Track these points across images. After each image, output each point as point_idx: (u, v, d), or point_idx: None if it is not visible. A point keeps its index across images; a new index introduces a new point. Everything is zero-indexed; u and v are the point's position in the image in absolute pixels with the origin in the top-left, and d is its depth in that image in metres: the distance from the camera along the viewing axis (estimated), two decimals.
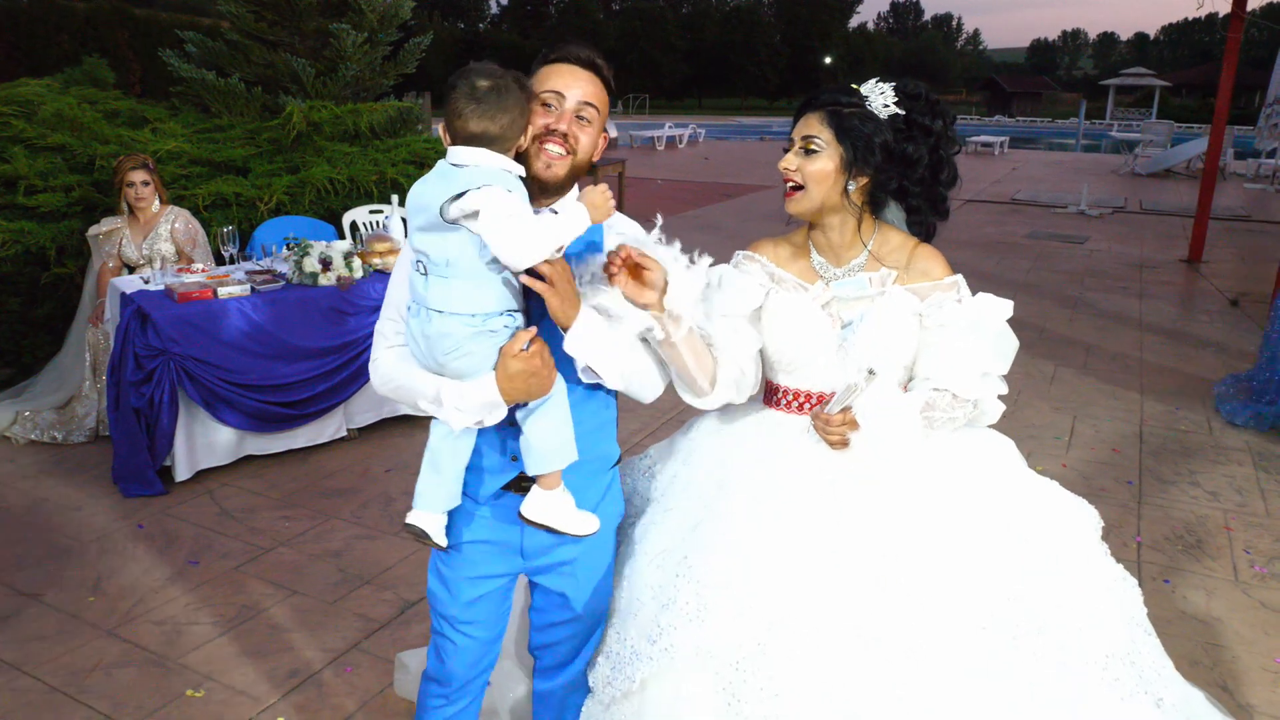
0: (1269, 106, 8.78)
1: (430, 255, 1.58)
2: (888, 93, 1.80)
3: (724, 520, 1.79)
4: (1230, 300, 8.04)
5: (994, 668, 1.63)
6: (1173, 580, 3.46)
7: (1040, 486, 1.91)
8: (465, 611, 1.91)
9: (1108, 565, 1.84)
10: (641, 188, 15.63)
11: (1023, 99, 63.52)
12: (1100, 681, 1.65)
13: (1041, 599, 1.70)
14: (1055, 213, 13.80)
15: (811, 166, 1.80)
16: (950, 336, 1.81)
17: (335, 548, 3.65)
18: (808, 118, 1.82)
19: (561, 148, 1.67)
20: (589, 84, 1.71)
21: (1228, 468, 4.50)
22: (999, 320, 1.83)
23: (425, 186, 1.58)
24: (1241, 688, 2.84)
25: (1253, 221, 13.18)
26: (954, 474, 1.84)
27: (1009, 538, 1.77)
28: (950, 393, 1.81)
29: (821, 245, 1.91)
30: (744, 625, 1.68)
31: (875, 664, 1.63)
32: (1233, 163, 19.99)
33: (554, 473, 1.72)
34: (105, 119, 6.01)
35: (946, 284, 1.86)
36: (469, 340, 1.60)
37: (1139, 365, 6.17)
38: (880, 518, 1.76)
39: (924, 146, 1.82)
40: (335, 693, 2.78)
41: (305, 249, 4.52)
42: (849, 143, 1.77)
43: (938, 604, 1.68)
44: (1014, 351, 1.86)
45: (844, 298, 1.86)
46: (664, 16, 69.45)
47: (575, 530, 1.75)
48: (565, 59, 1.72)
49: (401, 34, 7.82)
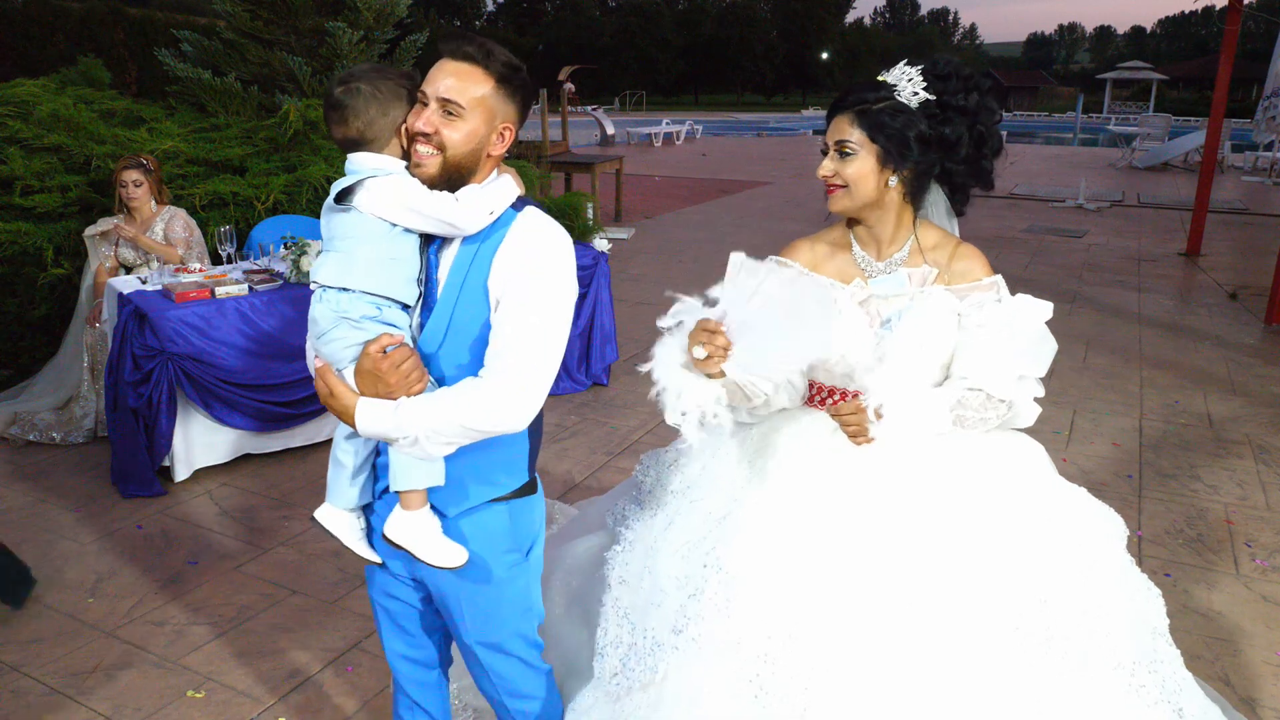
0: (1266, 99, 8.77)
1: (327, 235, 1.68)
2: (916, 79, 1.77)
3: (754, 512, 1.77)
4: (1229, 293, 8.04)
5: (1024, 668, 1.63)
6: (1174, 575, 3.46)
7: (1069, 493, 1.90)
8: (378, 597, 1.96)
9: (1134, 574, 1.85)
10: (639, 184, 15.62)
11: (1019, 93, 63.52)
12: (1127, 688, 1.66)
13: (1070, 604, 1.70)
14: (1053, 207, 13.80)
15: (849, 170, 1.78)
16: (987, 337, 1.78)
17: (335, 547, 3.61)
18: (838, 120, 1.79)
19: (426, 146, 1.63)
20: (454, 76, 1.61)
21: (1228, 461, 4.50)
22: (1038, 322, 1.81)
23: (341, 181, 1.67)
24: (1244, 682, 2.84)
25: (1251, 214, 13.17)
26: (985, 475, 1.82)
27: (1039, 542, 1.76)
28: (984, 393, 1.79)
29: (864, 239, 1.90)
30: (774, 617, 1.66)
31: (904, 659, 1.62)
32: (1230, 156, 19.98)
33: (416, 492, 1.67)
34: (101, 119, 5.99)
35: (986, 284, 1.84)
36: (333, 327, 1.64)
37: (1138, 359, 6.17)
38: (911, 515, 1.75)
39: (962, 126, 1.79)
40: (335, 693, 2.77)
41: (303, 248, 4.51)
42: (883, 140, 1.75)
43: (969, 602, 1.67)
44: (1052, 354, 1.84)
45: (882, 295, 1.84)
46: (660, 13, 69.35)
47: (434, 561, 1.69)
48: (441, 53, 1.66)
49: (398, 32, 7.81)
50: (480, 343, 1.65)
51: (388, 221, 1.63)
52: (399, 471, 1.65)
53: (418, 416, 1.58)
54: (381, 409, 1.59)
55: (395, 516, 1.70)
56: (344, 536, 1.78)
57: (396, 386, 1.59)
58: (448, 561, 1.69)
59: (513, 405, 1.59)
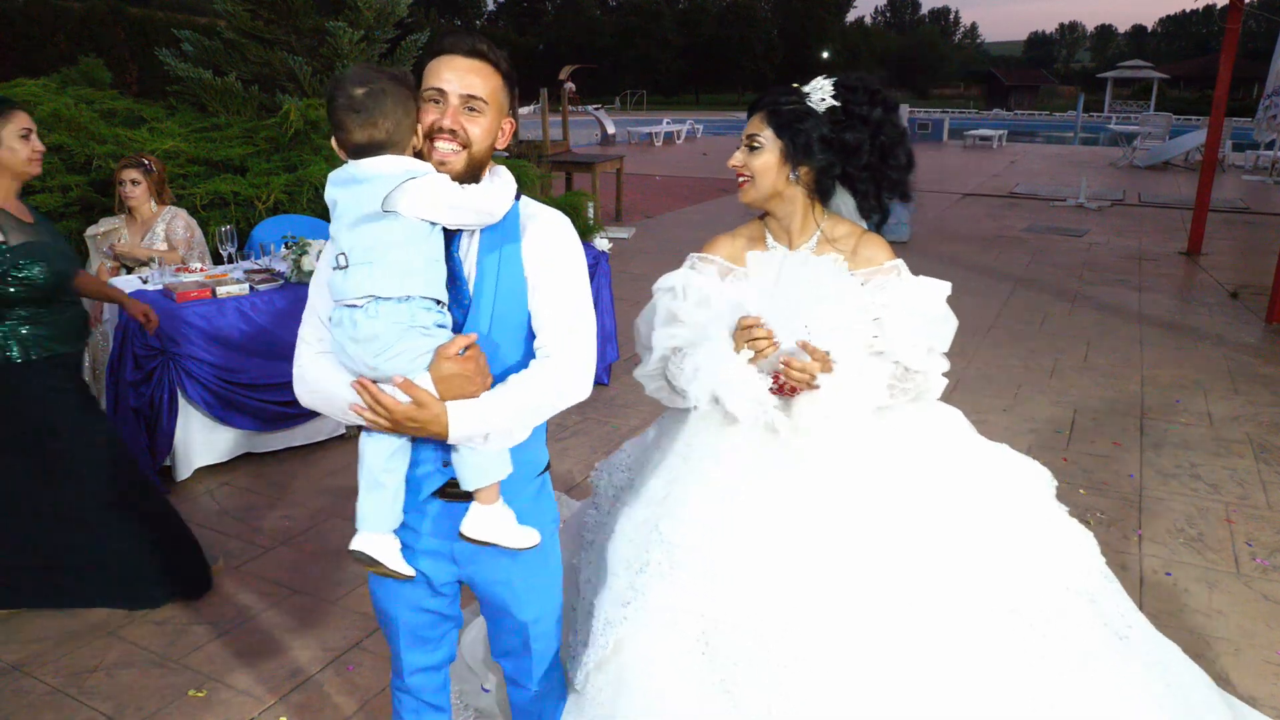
0: (1267, 98, 8.76)
1: (356, 247, 1.58)
2: (826, 88, 1.96)
3: (692, 487, 1.91)
4: (1230, 293, 8.03)
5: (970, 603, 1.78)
6: (1174, 573, 3.46)
7: (997, 450, 2.08)
8: (404, 613, 1.90)
9: (1064, 517, 2.03)
10: (640, 184, 15.62)
11: (1020, 92, 63.49)
12: (1059, 612, 1.82)
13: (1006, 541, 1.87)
14: (1054, 206, 13.79)
15: (755, 161, 1.97)
16: (896, 315, 1.94)
17: (335, 546, 3.64)
18: (754, 118, 1.99)
19: (452, 144, 1.65)
20: (472, 74, 1.65)
21: (1229, 460, 4.49)
22: (939, 300, 1.99)
23: (351, 191, 1.59)
24: (1244, 680, 2.84)
25: (1252, 213, 13.16)
26: (912, 438, 1.98)
27: (975, 492, 1.94)
28: (902, 365, 1.93)
29: (776, 231, 2.07)
30: (716, 580, 1.78)
31: (845, 601, 1.75)
32: (1231, 155, 19.95)
33: (491, 487, 1.69)
34: (102, 119, 6.00)
35: (887, 268, 1.99)
36: (398, 339, 1.58)
37: (1139, 358, 6.17)
38: (839, 476, 1.88)
39: (863, 134, 1.95)
40: (336, 692, 2.78)
41: (303, 247, 4.51)
42: (787, 137, 1.93)
43: (900, 543, 1.82)
44: (954, 330, 2.00)
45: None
46: (661, 12, 69.36)
47: (517, 544, 1.73)
48: (445, 51, 1.67)
49: (398, 31, 7.81)
50: (519, 328, 1.72)
51: (428, 222, 1.61)
52: (472, 471, 1.66)
53: (503, 408, 1.62)
54: (471, 409, 1.60)
55: (474, 514, 1.70)
56: (388, 560, 1.72)
57: (483, 384, 1.62)
58: (528, 543, 1.74)
59: (583, 376, 1.71)
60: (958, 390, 5.32)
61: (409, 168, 1.59)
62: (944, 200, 14.13)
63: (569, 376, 1.69)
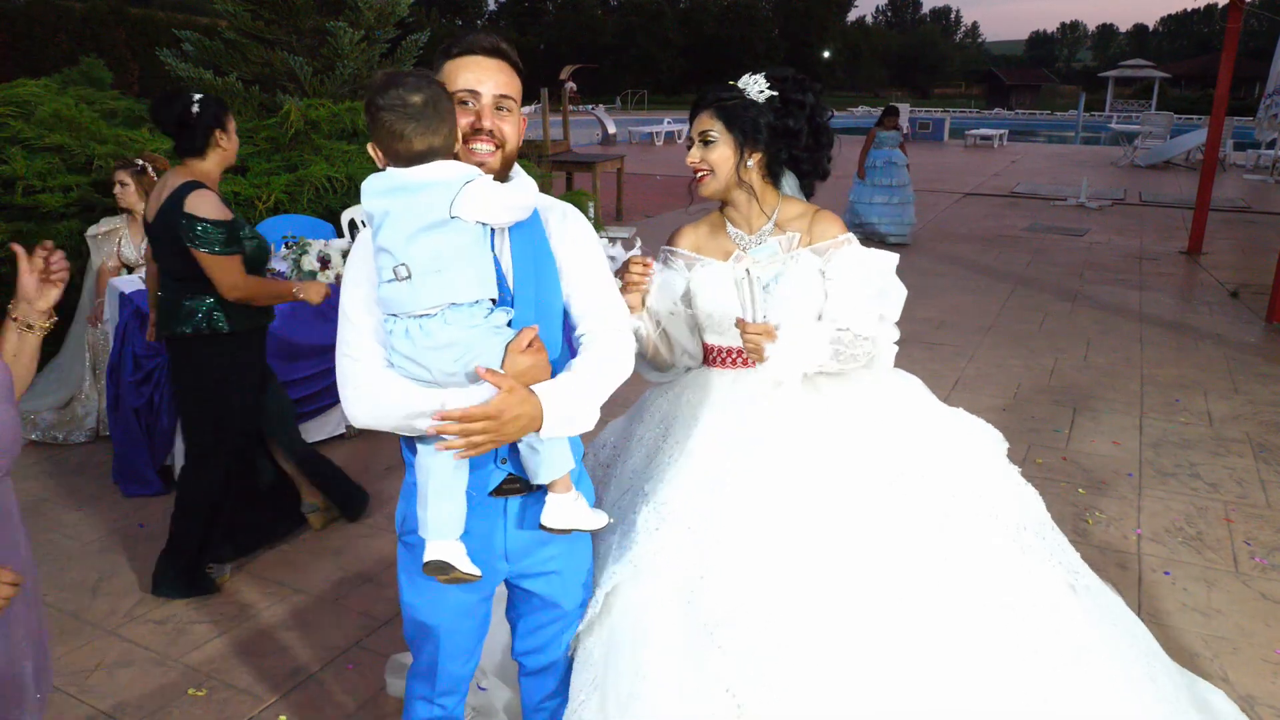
0: (1268, 97, 8.76)
1: (419, 257, 1.56)
2: (759, 80, 2.08)
3: (673, 453, 2.04)
4: (1230, 292, 8.03)
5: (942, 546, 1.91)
6: (1173, 572, 3.46)
7: (954, 413, 2.22)
8: (450, 621, 1.87)
9: (1014, 473, 2.18)
10: (640, 183, 15.62)
11: (1021, 91, 63.47)
12: (1014, 544, 1.97)
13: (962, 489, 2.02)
14: (1055, 205, 13.79)
15: (712, 155, 2.08)
16: (848, 285, 2.05)
17: (335, 545, 3.65)
18: (700, 116, 2.10)
19: (489, 144, 1.67)
20: (500, 73, 1.69)
21: (1228, 459, 4.50)
22: (888, 270, 2.10)
23: (405, 200, 1.57)
24: (1243, 679, 2.84)
25: (1253, 213, 13.16)
26: (879, 402, 2.12)
27: (938, 448, 2.08)
28: (851, 331, 2.03)
29: (735, 219, 2.18)
30: (699, 532, 1.89)
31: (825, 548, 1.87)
32: (1232, 154, 19.95)
33: (564, 477, 1.72)
34: (103, 119, 6.01)
35: (841, 240, 2.11)
36: (478, 341, 1.59)
37: (1139, 357, 6.17)
38: (811, 437, 2.01)
39: (801, 118, 2.09)
40: (336, 691, 2.78)
41: (304, 247, 4.52)
42: (738, 127, 2.05)
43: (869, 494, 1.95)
44: (903, 298, 2.12)
45: (760, 262, 2.12)
46: (662, 11, 69.34)
47: (597, 526, 1.79)
48: (470, 51, 1.69)
49: (399, 31, 7.82)
50: (557, 316, 1.77)
51: (482, 224, 1.61)
52: (543, 466, 1.69)
53: (584, 390, 1.68)
54: (560, 394, 1.64)
55: (553, 505, 1.73)
56: (462, 565, 1.69)
57: (547, 374, 1.67)
58: (602, 523, 1.79)
59: (630, 350, 1.80)
60: (958, 389, 5.33)
61: (464, 173, 1.59)
62: (945, 200, 14.13)
63: (623, 352, 1.77)
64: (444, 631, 1.88)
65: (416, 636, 1.93)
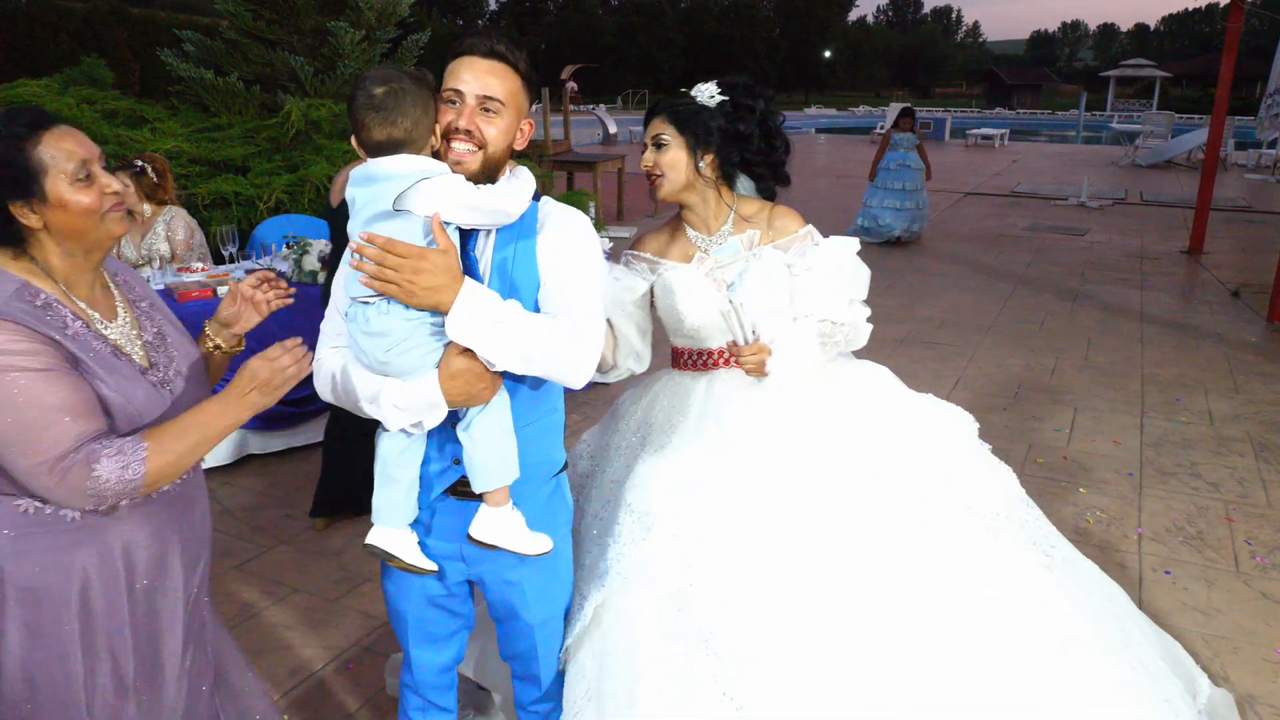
0: (1270, 96, 8.76)
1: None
2: (711, 87, 2.14)
3: (652, 460, 2.04)
4: (1231, 291, 8.03)
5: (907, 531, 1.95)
6: (1174, 571, 3.46)
7: (924, 399, 2.28)
8: (417, 610, 1.90)
9: (987, 453, 2.25)
10: (641, 183, 15.49)
11: (1023, 91, 63.44)
12: (988, 532, 2.02)
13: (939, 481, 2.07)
14: (1056, 205, 13.79)
15: (665, 158, 2.12)
16: (817, 276, 2.10)
17: (337, 545, 3.65)
18: (653, 122, 2.15)
19: (467, 144, 1.65)
20: (491, 75, 1.66)
21: (1229, 459, 4.50)
22: (850, 255, 2.15)
23: (368, 189, 1.59)
24: (1243, 679, 2.84)
25: (1254, 212, 13.15)
26: (848, 390, 2.17)
27: (913, 432, 2.14)
28: (829, 320, 2.09)
29: (693, 221, 2.20)
30: (686, 539, 1.90)
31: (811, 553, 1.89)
32: (1234, 153, 19.94)
33: (500, 490, 1.69)
34: (104, 119, 6.02)
35: (802, 234, 2.15)
36: (408, 335, 1.59)
37: (1140, 357, 6.17)
38: (789, 433, 2.05)
39: (753, 123, 2.13)
40: (337, 690, 2.79)
41: (305, 247, 4.52)
42: (690, 130, 2.09)
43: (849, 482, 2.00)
44: (868, 279, 2.18)
45: (723, 262, 2.15)
46: (662, 11, 69.35)
47: (526, 550, 1.73)
48: (465, 52, 1.68)
49: (399, 31, 7.83)
50: None
51: (451, 224, 1.61)
52: (481, 473, 1.66)
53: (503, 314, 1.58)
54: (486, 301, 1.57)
55: (483, 517, 1.70)
56: (404, 554, 1.72)
57: (492, 385, 1.63)
58: (538, 549, 1.74)
59: (580, 353, 1.66)
60: (959, 388, 5.33)
61: (423, 168, 1.59)
62: (946, 199, 14.12)
63: (569, 341, 1.64)
64: (412, 619, 1.92)
65: (393, 623, 1.99)
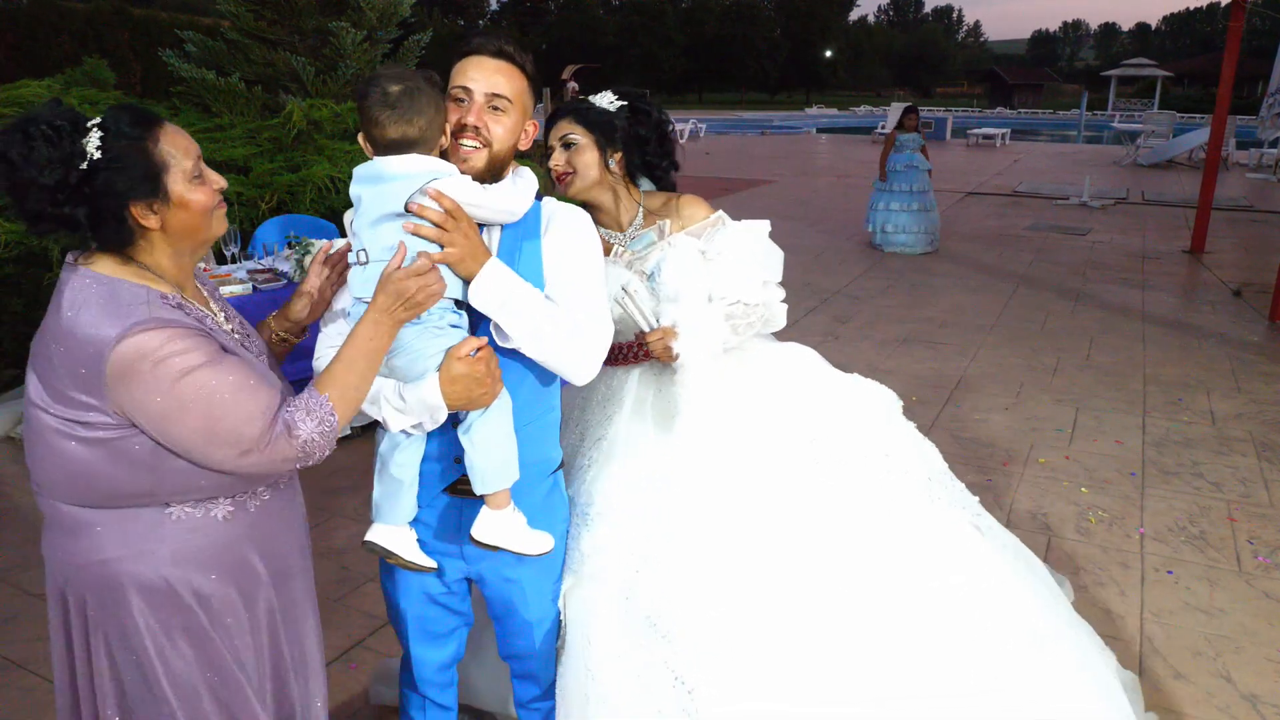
0: (1271, 96, 8.76)
1: (376, 244, 1.60)
2: (609, 95, 2.25)
3: (591, 455, 2.14)
4: (1233, 291, 8.02)
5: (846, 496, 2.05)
6: (1176, 571, 3.46)
7: (849, 378, 2.38)
8: (416, 607, 1.92)
9: (911, 429, 2.37)
10: None
11: (1024, 91, 63.47)
12: (925, 492, 2.15)
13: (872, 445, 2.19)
14: (1057, 204, 13.78)
15: (577, 157, 2.16)
16: (731, 260, 2.16)
17: (338, 545, 3.65)
18: (559, 124, 2.18)
19: (475, 141, 1.67)
20: (499, 74, 1.69)
21: (1231, 459, 4.49)
22: (763, 237, 2.23)
23: (375, 188, 1.59)
24: (1246, 679, 2.84)
25: (1255, 211, 13.14)
26: (774, 374, 2.25)
27: (831, 409, 2.23)
28: (742, 302, 2.15)
29: (604, 220, 2.24)
30: (628, 530, 1.97)
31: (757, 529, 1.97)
32: (1235, 153, 19.94)
33: (501, 492, 1.69)
34: None
35: (712, 220, 2.22)
36: (412, 337, 1.60)
37: (1142, 356, 6.17)
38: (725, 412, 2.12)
39: (650, 126, 2.26)
40: (338, 690, 2.79)
41: (307, 247, 4.53)
42: (597, 130, 2.15)
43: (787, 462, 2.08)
44: (781, 260, 2.26)
45: (639, 254, 2.21)
46: (664, 11, 69.38)
47: (528, 550, 1.73)
48: (473, 51, 1.71)
49: (401, 31, 7.84)
50: None
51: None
52: (482, 476, 1.66)
53: (527, 295, 1.65)
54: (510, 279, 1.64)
55: (484, 519, 1.70)
56: (404, 552, 1.73)
57: (494, 387, 1.62)
58: (540, 549, 1.75)
59: (584, 348, 1.71)
60: (960, 388, 5.33)
61: (433, 168, 1.60)
62: (947, 199, 14.12)
63: (576, 333, 1.69)
64: (411, 616, 1.94)
65: (393, 621, 2.00)
